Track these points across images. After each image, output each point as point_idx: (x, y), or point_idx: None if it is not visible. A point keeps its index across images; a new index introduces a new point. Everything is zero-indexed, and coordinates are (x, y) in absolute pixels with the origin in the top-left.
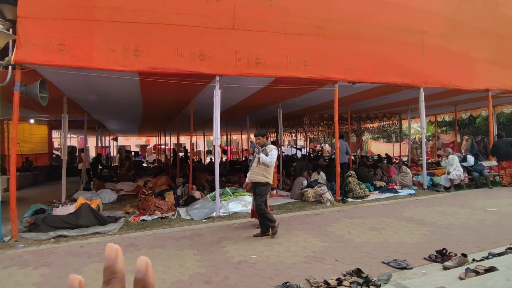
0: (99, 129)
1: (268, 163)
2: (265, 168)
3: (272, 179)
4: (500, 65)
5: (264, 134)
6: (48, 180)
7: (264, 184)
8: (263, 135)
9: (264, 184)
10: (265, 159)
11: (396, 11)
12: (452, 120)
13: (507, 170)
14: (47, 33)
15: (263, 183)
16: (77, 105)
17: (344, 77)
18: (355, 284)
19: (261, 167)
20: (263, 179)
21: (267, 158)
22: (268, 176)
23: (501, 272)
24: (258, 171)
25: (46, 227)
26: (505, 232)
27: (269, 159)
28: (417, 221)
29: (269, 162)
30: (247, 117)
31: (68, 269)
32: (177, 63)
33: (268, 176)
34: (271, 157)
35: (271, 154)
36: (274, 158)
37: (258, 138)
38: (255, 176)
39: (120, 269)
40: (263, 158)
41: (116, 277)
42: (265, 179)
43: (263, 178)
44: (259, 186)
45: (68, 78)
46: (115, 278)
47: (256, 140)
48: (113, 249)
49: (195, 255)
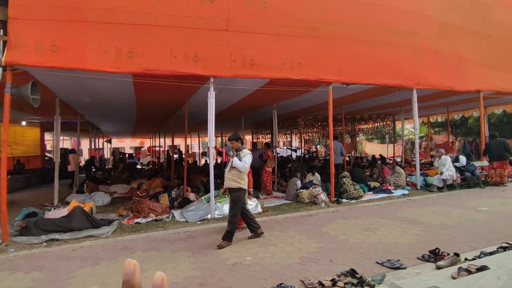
0: (93, 131)
1: (240, 168)
2: (237, 174)
3: (247, 184)
4: (490, 66)
5: (238, 138)
6: (40, 183)
7: (237, 190)
8: (237, 139)
9: (236, 189)
10: (237, 163)
11: (388, 14)
12: (444, 121)
13: (497, 171)
14: (39, 34)
15: (235, 188)
16: (70, 107)
17: (338, 79)
18: (350, 284)
19: (234, 172)
20: (235, 184)
21: (240, 163)
22: (240, 182)
23: (492, 271)
24: (230, 176)
25: (38, 230)
26: (496, 232)
27: (241, 164)
28: (410, 221)
29: (241, 167)
30: (242, 119)
31: (60, 273)
32: (171, 65)
33: (240, 182)
34: (243, 162)
35: (244, 160)
36: (247, 163)
37: (232, 142)
38: (227, 181)
39: (137, 283)
40: (236, 162)
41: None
42: (238, 185)
43: (235, 183)
44: (232, 192)
45: (61, 80)
46: None
47: (230, 144)
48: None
49: (189, 257)
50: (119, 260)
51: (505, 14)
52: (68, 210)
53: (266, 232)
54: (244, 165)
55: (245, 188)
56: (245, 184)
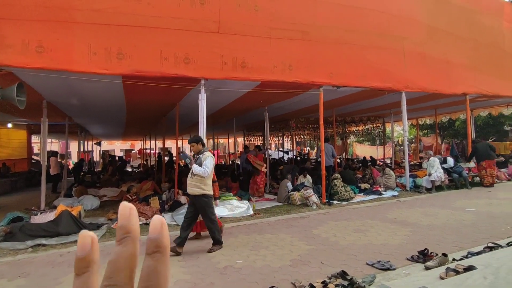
0: (82, 134)
1: (202, 174)
2: (199, 179)
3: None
4: (476, 70)
5: (198, 140)
6: (27, 186)
7: (201, 196)
8: (198, 141)
9: (200, 196)
10: (198, 170)
11: (378, 18)
12: (433, 123)
13: (488, 170)
14: (25, 34)
15: (198, 195)
16: (58, 109)
17: (328, 81)
18: (340, 286)
19: (196, 178)
20: (198, 191)
21: (201, 169)
22: (204, 187)
23: (479, 270)
24: (192, 182)
25: (23, 236)
26: (483, 232)
27: (202, 170)
28: (400, 222)
29: (203, 174)
30: (233, 121)
31: (46, 279)
32: (161, 67)
33: (204, 187)
34: (205, 168)
35: (205, 164)
36: (209, 168)
37: (193, 145)
38: (189, 188)
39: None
40: (196, 169)
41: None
42: (201, 191)
43: (197, 190)
44: (196, 199)
45: (48, 81)
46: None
47: (191, 147)
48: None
49: (180, 261)
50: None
51: (490, 20)
52: (55, 215)
53: (258, 234)
54: (206, 170)
55: (209, 194)
56: (210, 190)
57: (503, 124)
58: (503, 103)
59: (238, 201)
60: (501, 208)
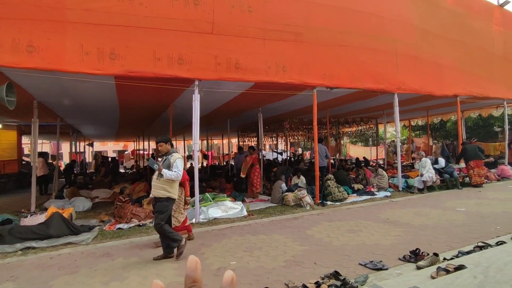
0: (73, 134)
1: (175, 178)
2: (167, 181)
3: (185, 192)
4: (467, 72)
5: (167, 140)
6: (17, 188)
7: (165, 200)
8: (166, 141)
9: (165, 199)
10: (170, 175)
11: (370, 20)
12: (424, 125)
13: (475, 170)
14: (15, 33)
15: (163, 198)
16: (49, 109)
17: (322, 83)
18: (333, 287)
19: (162, 180)
20: (164, 193)
21: (173, 173)
22: (170, 190)
23: (469, 270)
24: (157, 184)
25: (12, 238)
26: (473, 231)
27: (175, 174)
28: (392, 223)
29: (176, 178)
30: (227, 122)
31: (35, 282)
32: (154, 67)
33: (170, 190)
34: (176, 171)
35: (176, 166)
36: (180, 171)
37: (161, 145)
38: (154, 189)
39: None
40: (168, 174)
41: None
42: (167, 194)
43: (164, 192)
44: (160, 201)
45: (39, 81)
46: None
47: (159, 147)
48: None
49: (173, 263)
50: (99, 268)
51: (480, 23)
52: (46, 217)
53: (251, 235)
54: (178, 173)
55: (174, 198)
56: (175, 193)
57: (492, 125)
58: (492, 105)
59: (232, 202)
60: (491, 208)
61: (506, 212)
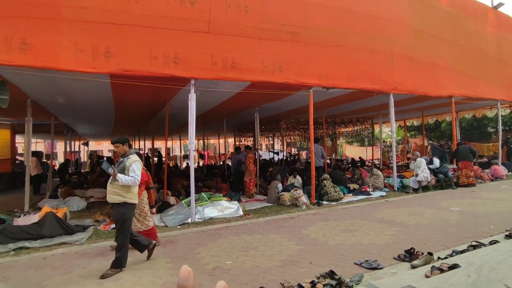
0: (68, 134)
1: (132, 184)
2: (121, 185)
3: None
4: (461, 73)
5: (125, 140)
6: (10, 187)
7: (121, 205)
8: (124, 141)
9: (121, 204)
10: (126, 180)
11: (367, 21)
12: (420, 125)
13: (463, 171)
14: (8, 31)
15: (119, 203)
16: (43, 108)
17: (318, 83)
18: (329, 286)
19: (116, 184)
20: (118, 198)
21: (129, 179)
22: (125, 195)
23: (463, 268)
24: (111, 188)
25: (5, 239)
26: (467, 231)
27: (131, 180)
28: (388, 222)
29: (132, 183)
30: (224, 122)
31: (28, 283)
32: (150, 66)
33: (125, 195)
34: (133, 176)
35: (132, 170)
36: (138, 175)
37: (117, 146)
38: (109, 195)
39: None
40: (123, 180)
41: None
42: (121, 199)
43: (117, 197)
44: (115, 207)
45: (32, 79)
46: None
47: (114, 149)
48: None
49: (168, 263)
50: (93, 268)
51: (475, 25)
52: (40, 216)
53: (247, 235)
54: (135, 178)
55: (132, 203)
56: (133, 198)
57: (486, 126)
58: (486, 106)
59: (228, 201)
60: (484, 208)
61: (499, 212)
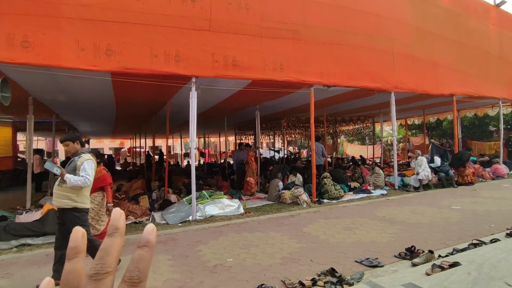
0: (69, 131)
1: (82, 185)
2: (71, 188)
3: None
4: (463, 72)
5: (75, 138)
6: (12, 185)
7: (72, 210)
8: (74, 139)
9: (72, 209)
10: (74, 181)
11: (368, 19)
12: (421, 124)
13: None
14: (9, 28)
15: (67, 209)
16: (45, 105)
17: (319, 81)
18: (329, 283)
19: (66, 186)
20: (68, 203)
21: (79, 179)
22: (76, 199)
23: (463, 266)
24: (59, 191)
25: (7, 235)
26: (468, 229)
27: (81, 180)
28: (388, 220)
29: (83, 184)
30: (225, 120)
31: (30, 280)
32: (151, 64)
33: (76, 199)
34: (84, 175)
35: (83, 169)
36: (90, 175)
37: (66, 144)
38: (56, 198)
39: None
40: (72, 180)
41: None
42: (72, 203)
43: (67, 201)
44: (65, 213)
45: (34, 77)
46: (117, 233)
47: (64, 147)
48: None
49: (169, 260)
50: None
51: (476, 23)
52: (42, 214)
53: (248, 233)
54: (86, 179)
55: (83, 208)
56: (86, 202)
57: (488, 125)
58: (488, 104)
59: (229, 199)
60: (485, 206)
61: (500, 210)
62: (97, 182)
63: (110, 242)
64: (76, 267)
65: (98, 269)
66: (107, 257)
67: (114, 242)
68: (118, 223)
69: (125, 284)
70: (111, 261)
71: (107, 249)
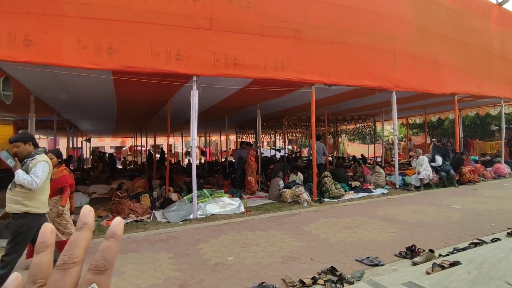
0: (71, 130)
1: (28, 185)
2: (24, 192)
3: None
4: (464, 71)
5: (27, 139)
6: None
7: (21, 216)
8: (26, 140)
9: (20, 215)
10: (22, 179)
11: (369, 18)
12: (422, 123)
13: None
14: (11, 27)
15: (19, 214)
16: (46, 104)
17: (320, 80)
18: (330, 282)
19: (18, 190)
20: (18, 208)
21: (27, 178)
22: (28, 203)
23: (464, 266)
24: (10, 195)
25: (8, 234)
26: (468, 228)
27: (28, 180)
28: (389, 219)
29: (29, 185)
30: (226, 118)
31: None
32: (152, 62)
33: (28, 203)
34: (32, 177)
35: (33, 171)
36: (39, 177)
37: (17, 145)
38: (7, 203)
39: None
40: (19, 178)
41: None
42: (23, 208)
43: (17, 206)
44: (15, 218)
45: (35, 76)
46: (85, 227)
47: (14, 149)
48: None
49: (170, 258)
50: None
51: (478, 22)
52: None
53: (249, 231)
54: (34, 180)
55: (38, 213)
56: (41, 207)
57: (489, 124)
58: (490, 103)
59: (230, 198)
60: (486, 206)
61: (501, 210)
62: (57, 182)
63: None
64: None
65: (65, 260)
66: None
67: (82, 235)
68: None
69: (91, 272)
70: (78, 252)
71: (75, 241)
